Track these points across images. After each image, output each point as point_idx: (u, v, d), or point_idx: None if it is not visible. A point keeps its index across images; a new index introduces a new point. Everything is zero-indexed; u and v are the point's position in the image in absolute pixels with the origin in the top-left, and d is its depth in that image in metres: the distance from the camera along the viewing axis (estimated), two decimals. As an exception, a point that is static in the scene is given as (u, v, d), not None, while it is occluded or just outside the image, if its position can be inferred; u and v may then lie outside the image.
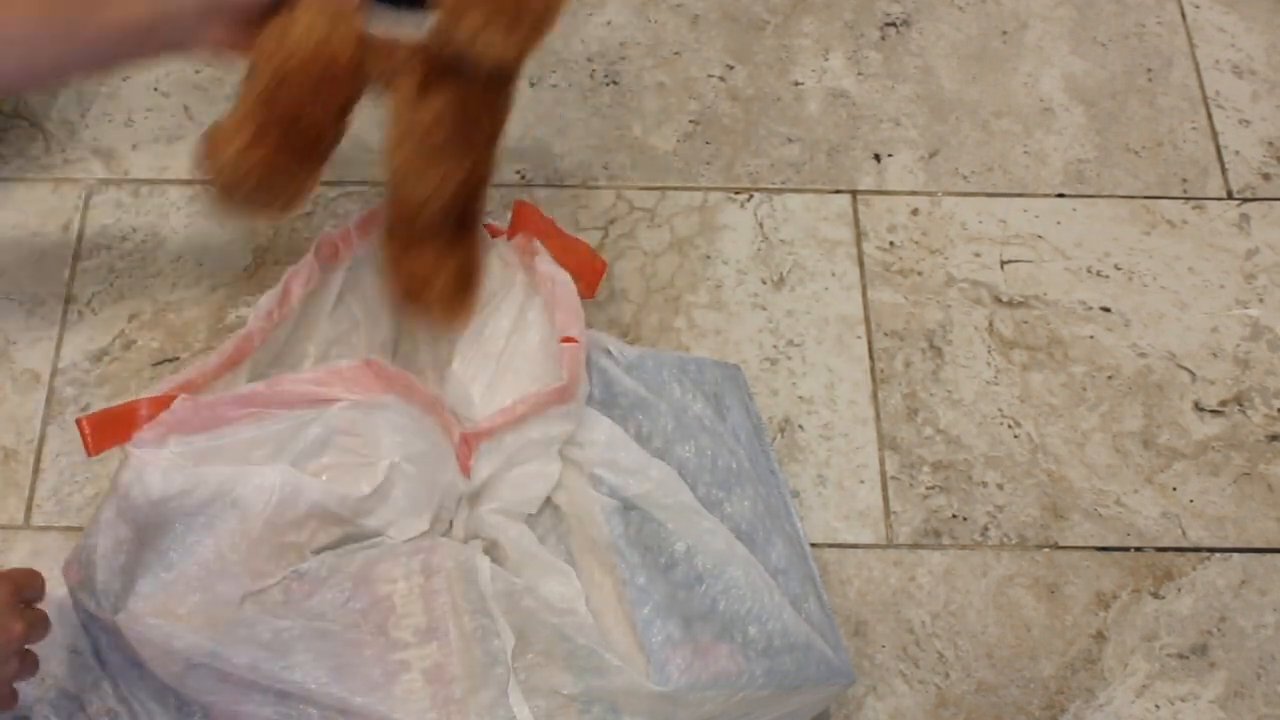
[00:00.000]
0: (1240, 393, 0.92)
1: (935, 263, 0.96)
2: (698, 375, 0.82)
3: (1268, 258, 0.98)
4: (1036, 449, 0.89)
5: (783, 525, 0.79)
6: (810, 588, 0.77)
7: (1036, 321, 0.94)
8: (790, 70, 1.05)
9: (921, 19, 1.08)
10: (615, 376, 0.76)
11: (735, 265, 0.95)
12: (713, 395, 0.82)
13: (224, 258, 0.93)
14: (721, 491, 0.76)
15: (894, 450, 0.89)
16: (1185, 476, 0.89)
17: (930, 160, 1.01)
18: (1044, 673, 0.82)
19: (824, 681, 0.72)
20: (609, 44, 1.05)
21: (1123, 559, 0.86)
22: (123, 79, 1.01)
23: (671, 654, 0.68)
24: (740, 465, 0.78)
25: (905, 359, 0.92)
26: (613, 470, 0.72)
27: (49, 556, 0.82)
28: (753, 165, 1.00)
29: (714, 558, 0.72)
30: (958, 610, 0.83)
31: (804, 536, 0.81)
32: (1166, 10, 1.10)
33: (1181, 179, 1.01)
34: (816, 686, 0.72)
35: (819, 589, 0.78)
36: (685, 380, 0.80)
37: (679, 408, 0.77)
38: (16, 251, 0.93)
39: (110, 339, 0.90)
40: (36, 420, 0.87)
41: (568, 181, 0.98)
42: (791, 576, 0.76)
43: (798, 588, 0.76)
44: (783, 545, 0.76)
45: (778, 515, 0.79)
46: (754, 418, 0.85)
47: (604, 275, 0.81)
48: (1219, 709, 0.81)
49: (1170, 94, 1.05)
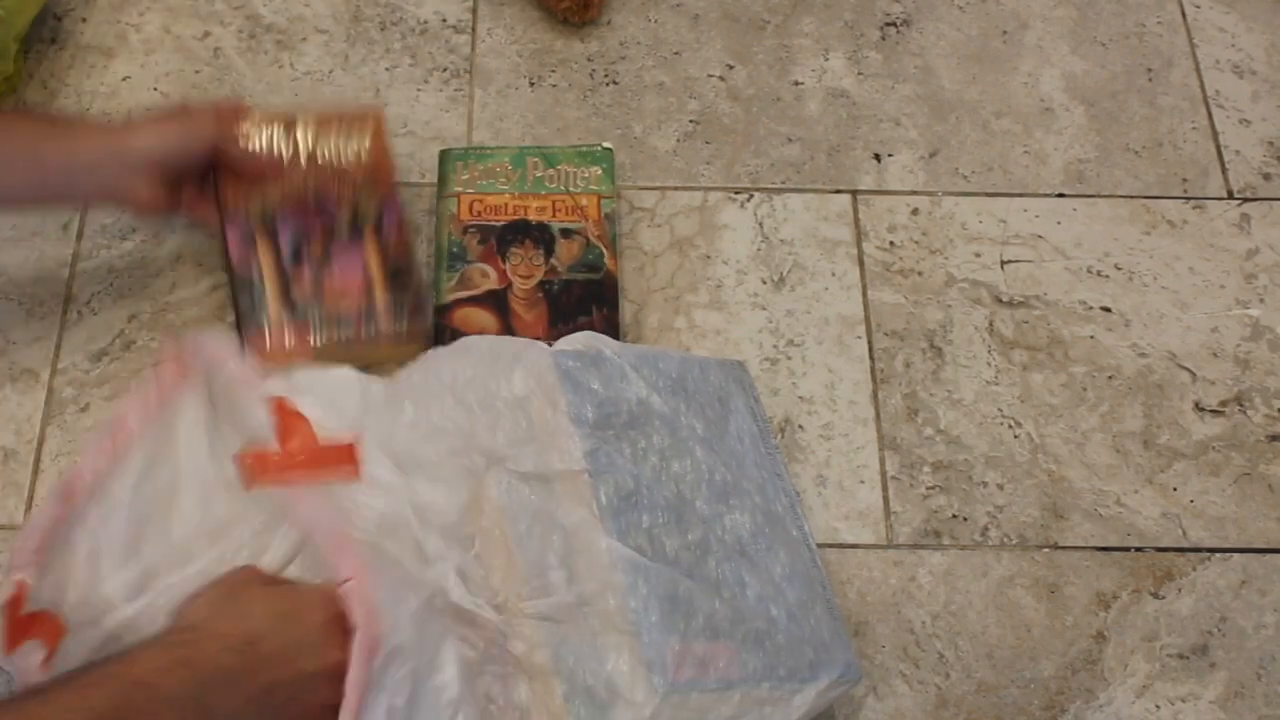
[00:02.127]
0: (1240, 393, 0.92)
1: (935, 263, 0.96)
2: (700, 378, 0.82)
3: (1268, 258, 0.98)
4: (1037, 449, 0.89)
5: (787, 531, 0.79)
6: (817, 591, 0.77)
7: (1037, 321, 0.94)
8: (790, 70, 1.05)
9: (921, 19, 1.08)
10: (605, 397, 0.75)
11: (735, 265, 0.95)
12: (715, 399, 0.82)
13: (223, 257, 0.93)
14: (720, 505, 0.76)
15: (894, 450, 0.89)
16: (1185, 476, 0.89)
17: (930, 160, 1.01)
18: (1044, 673, 0.82)
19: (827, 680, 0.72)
20: (609, 44, 1.05)
21: (1123, 559, 0.86)
22: (122, 79, 1.01)
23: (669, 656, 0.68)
24: (737, 477, 0.78)
25: (905, 359, 0.92)
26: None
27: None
28: (753, 165, 1.00)
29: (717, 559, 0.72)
30: (958, 610, 0.83)
31: (810, 538, 0.81)
32: (1166, 10, 1.10)
33: (1182, 179, 1.01)
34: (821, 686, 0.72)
35: (826, 591, 0.78)
36: (682, 390, 0.80)
37: (674, 421, 0.77)
38: (16, 252, 0.93)
39: (110, 339, 0.90)
40: (36, 420, 0.87)
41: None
42: (795, 583, 0.76)
43: (803, 593, 0.76)
44: (785, 553, 0.77)
45: (780, 522, 0.78)
46: (759, 419, 0.85)
47: (356, 459, 0.73)
48: (1219, 709, 0.81)
49: (1170, 94, 1.05)
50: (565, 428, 0.73)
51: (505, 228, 0.91)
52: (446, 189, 0.93)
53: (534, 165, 0.94)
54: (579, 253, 0.91)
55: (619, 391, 0.76)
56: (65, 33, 1.03)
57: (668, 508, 0.74)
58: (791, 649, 0.72)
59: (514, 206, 0.92)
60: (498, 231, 0.91)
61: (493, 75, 1.02)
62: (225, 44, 1.03)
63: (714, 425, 0.80)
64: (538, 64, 1.04)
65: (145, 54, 1.02)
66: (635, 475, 0.74)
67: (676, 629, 0.69)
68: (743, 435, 0.81)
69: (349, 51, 1.03)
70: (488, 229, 0.91)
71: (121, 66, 1.02)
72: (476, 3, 1.07)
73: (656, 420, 0.76)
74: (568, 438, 0.73)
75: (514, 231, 0.91)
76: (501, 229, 0.91)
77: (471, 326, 0.87)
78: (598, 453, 0.73)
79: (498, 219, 0.92)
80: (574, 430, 0.73)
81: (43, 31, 1.03)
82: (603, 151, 0.95)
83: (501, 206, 0.92)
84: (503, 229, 0.91)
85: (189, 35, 1.04)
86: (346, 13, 1.05)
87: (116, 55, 1.02)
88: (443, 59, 1.03)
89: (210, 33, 1.04)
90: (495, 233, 0.91)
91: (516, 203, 0.92)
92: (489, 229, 0.91)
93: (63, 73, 1.01)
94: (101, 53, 1.02)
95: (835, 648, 0.74)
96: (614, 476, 0.73)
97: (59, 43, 1.02)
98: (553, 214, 0.92)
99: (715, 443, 0.79)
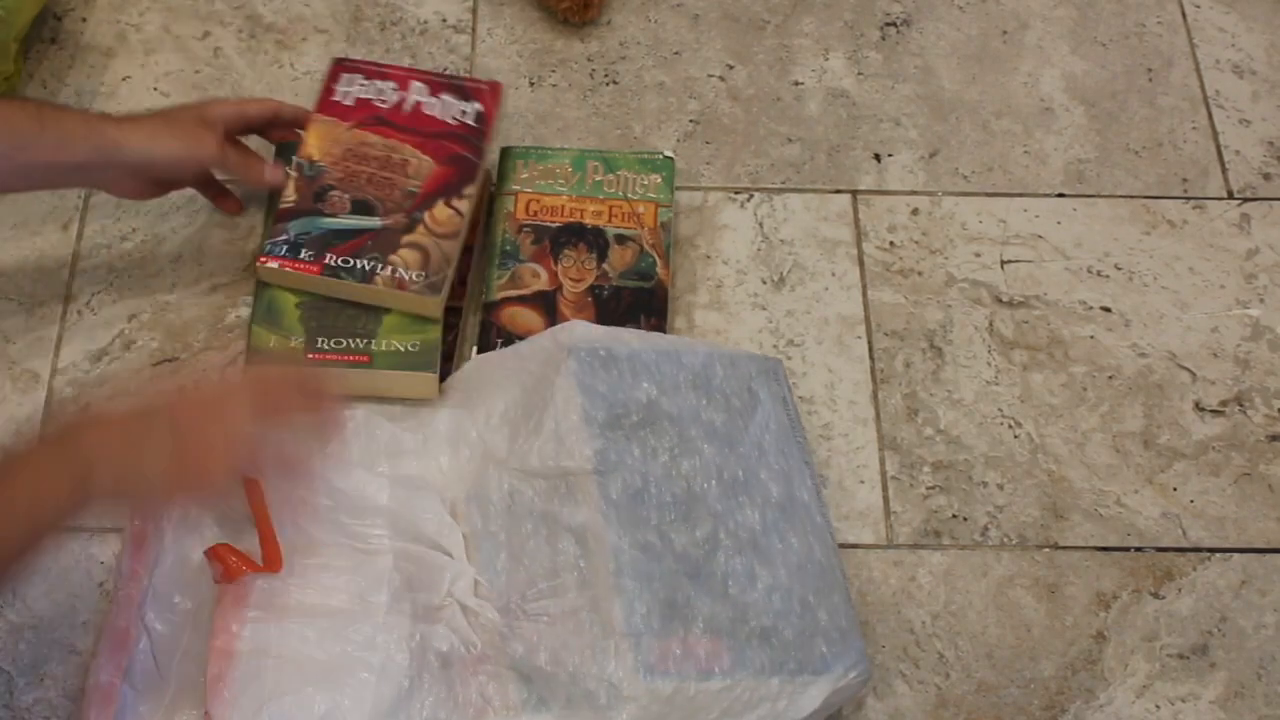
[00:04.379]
0: (1240, 393, 0.92)
1: (935, 263, 0.96)
2: (729, 370, 0.81)
3: (1268, 258, 0.98)
4: (1037, 449, 0.89)
5: (811, 518, 0.79)
6: (836, 579, 0.77)
7: (1037, 321, 0.94)
8: (790, 70, 1.05)
9: (921, 19, 1.08)
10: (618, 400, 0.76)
11: (735, 265, 0.95)
12: (745, 389, 0.81)
13: (224, 258, 0.93)
14: (732, 500, 0.76)
15: (894, 450, 0.89)
16: (1185, 477, 0.89)
17: (930, 160, 1.01)
18: (1044, 673, 0.82)
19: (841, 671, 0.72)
20: (609, 44, 1.05)
21: (1123, 559, 0.86)
22: (122, 78, 1.01)
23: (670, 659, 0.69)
24: (755, 468, 0.78)
25: (905, 359, 0.92)
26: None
27: (48, 556, 0.82)
28: (753, 165, 1.00)
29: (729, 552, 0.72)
30: (958, 610, 0.83)
31: (827, 528, 0.80)
32: (1166, 10, 1.10)
33: (1181, 179, 1.01)
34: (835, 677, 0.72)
35: (842, 583, 0.78)
36: (705, 383, 0.80)
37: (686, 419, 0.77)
38: (16, 251, 0.93)
39: (110, 339, 0.90)
40: (37, 420, 0.87)
41: (568, 181, 0.98)
42: (810, 574, 0.76)
43: (819, 582, 0.75)
44: (802, 542, 0.77)
45: (796, 515, 0.78)
46: (790, 408, 0.84)
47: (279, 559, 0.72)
48: (1219, 709, 0.81)
49: (1170, 94, 1.05)
50: (578, 427, 0.74)
51: (560, 229, 0.91)
52: (505, 186, 0.93)
53: (594, 169, 0.94)
54: (632, 260, 0.90)
55: (628, 392, 0.76)
56: (65, 32, 1.03)
57: (676, 504, 0.74)
58: (801, 643, 0.72)
59: (570, 209, 0.92)
60: (552, 233, 0.91)
61: (493, 75, 1.02)
62: (225, 44, 1.03)
63: (739, 416, 0.80)
64: (538, 64, 1.04)
65: (145, 54, 1.02)
66: (644, 473, 0.74)
67: (676, 632, 0.70)
68: (769, 423, 0.81)
69: (349, 51, 1.03)
70: (542, 229, 0.91)
71: (121, 66, 1.02)
72: (476, 3, 1.07)
73: (666, 420, 0.77)
74: (578, 437, 0.73)
75: (569, 234, 0.91)
76: (556, 230, 0.91)
77: (518, 326, 0.87)
78: (607, 452, 0.73)
79: (553, 220, 0.92)
80: (585, 430, 0.73)
81: (43, 31, 1.03)
82: (664, 160, 0.94)
83: (558, 208, 0.92)
84: (558, 230, 0.91)
85: (189, 35, 1.04)
86: (346, 13, 1.05)
87: (116, 55, 1.02)
88: (443, 59, 1.03)
89: (210, 33, 1.04)
90: (550, 234, 0.91)
91: (573, 205, 0.92)
92: (544, 229, 0.91)
93: (63, 72, 1.01)
94: (101, 53, 1.02)
95: (850, 639, 0.75)
96: (622, 475, 0.73)
97: (59, 42, 1.03)
98: (609, 219, 0.92)
99: (736, 435, 0.79)
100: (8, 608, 0.80)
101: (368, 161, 0.89)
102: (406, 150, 0.90)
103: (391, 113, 0.91)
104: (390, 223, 0.87)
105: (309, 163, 0.88)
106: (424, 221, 0.87)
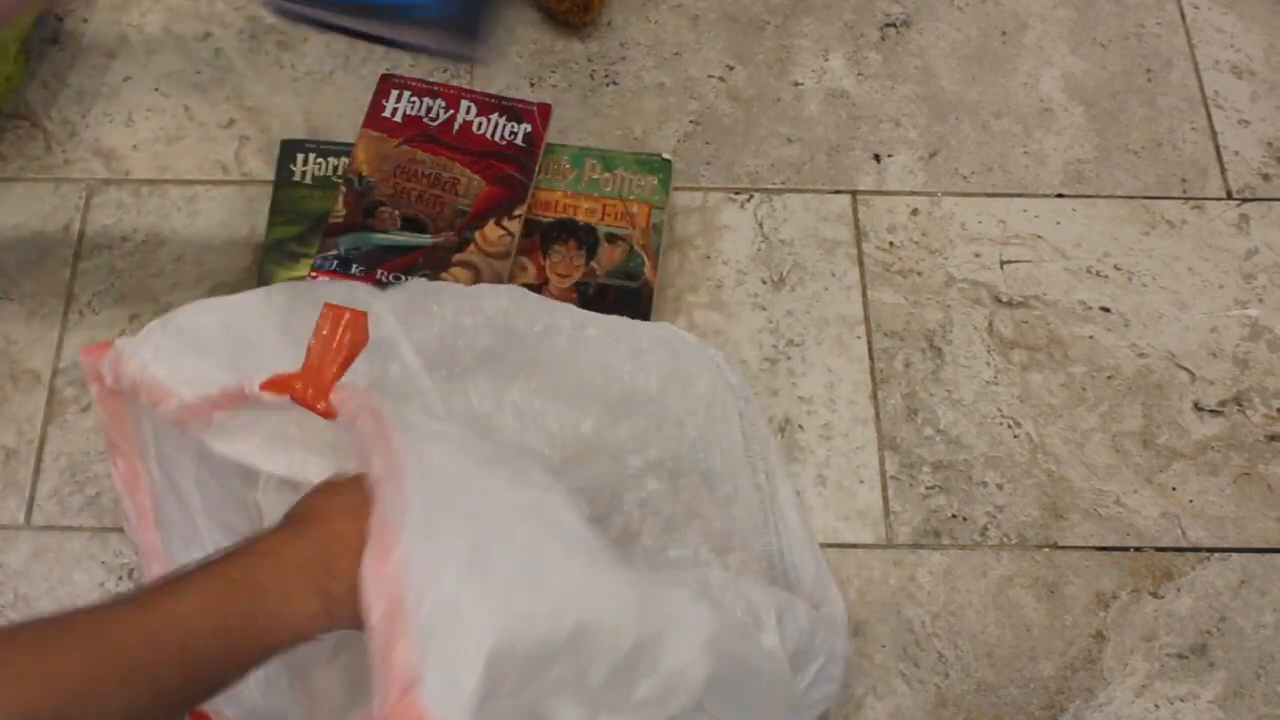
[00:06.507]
0: (1240, 393, 0.92)
1: (935, 263, 0.96)
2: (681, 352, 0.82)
3: (1267, 258, 0.98)
4: (1036, 449, 0.89)
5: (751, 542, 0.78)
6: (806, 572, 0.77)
7: (1036, 321, 0.94)
8: (790, 70, 1.05)
9: (921, 19, 1.08)
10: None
11: (735, 265, 0.95)
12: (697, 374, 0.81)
13: (224, 258, 0.94)
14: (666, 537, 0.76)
15: (894, 450, 0.89)
16: (1185, 476, 0.89)
17: (930, 160, 1.01)
18: (1044, 673, 0.82)
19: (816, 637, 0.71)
20: (609, 44, 1.05)
21: (1122, 559, 0.86)
22: (124, 79, 1.01)
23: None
24: (687, 507, 0.78)
25: (905, 359, 0.92)
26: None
27: (50, 556, 0.82)
28: (753, 165, 1.00)
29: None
30: (958, 610, 0.84)
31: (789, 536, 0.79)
32: (1166, 10, 1.10)
33: (1181, 179, 1.01)
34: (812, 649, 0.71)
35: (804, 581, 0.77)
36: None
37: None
38: (17, 251, 0.93)
39: (111, 339, 0.90)
40: (37, 420, 0.87)
41: (568, 182, 0.98)
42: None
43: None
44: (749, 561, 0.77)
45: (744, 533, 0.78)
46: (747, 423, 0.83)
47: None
48: (1218, 709, 0.81)
49: (1170, 94, 1.05)
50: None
51: (552, 224, 0.92)
52: None
53: (591, 167, 0.94)
54: (621, 259, 0.91)
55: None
56: (66, 33, 1.03)
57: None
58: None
59: (564, 204, 0.93)
60: (544, 227, 0.92)
61: (493, 75, 1.02)
62: (226, 44, 1.03)
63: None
64: (538, 64, 1.04)
65: (146, 54, 1.03)
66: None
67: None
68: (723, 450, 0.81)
69: (349, 52, 1.03)
70: (534, 223, 0.92)
71: (122, 67, 1.02)
72: (477, 3, 1.07)
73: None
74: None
75: (560, 229, 0.92)
76: (548, 225, 0.92)
77: None
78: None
79: (546, 215, 0.92)
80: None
81: (44, 31, 1.03)
82: (662, 162, 0.95)
83: (552, 203, 0.93)
84: (549, 225, 0.92)
85: (190, 36, 1.04)
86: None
87: (117, 55, 1.02)
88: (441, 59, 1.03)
89: (211, 33, 1.04)
90: (541, 228, 0.92)
91: (567, 201, 0.93)
92: (535, 223, 0.92)
93: (63, 73, 1.01)
94: (102, 53, 1.02)
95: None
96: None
97: (60, 43, 1.03)
98: (601, 217, 0.92)
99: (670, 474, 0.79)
100: (9, 608, 0.80)
101: (417, 179, 0.89)
102: (456, 169, 0.90)
103: (441, 130, 0.92)
104: (441, 240, 0.87)
105: (359, 178, 0.89)
106: (475, 241, 0.88)
